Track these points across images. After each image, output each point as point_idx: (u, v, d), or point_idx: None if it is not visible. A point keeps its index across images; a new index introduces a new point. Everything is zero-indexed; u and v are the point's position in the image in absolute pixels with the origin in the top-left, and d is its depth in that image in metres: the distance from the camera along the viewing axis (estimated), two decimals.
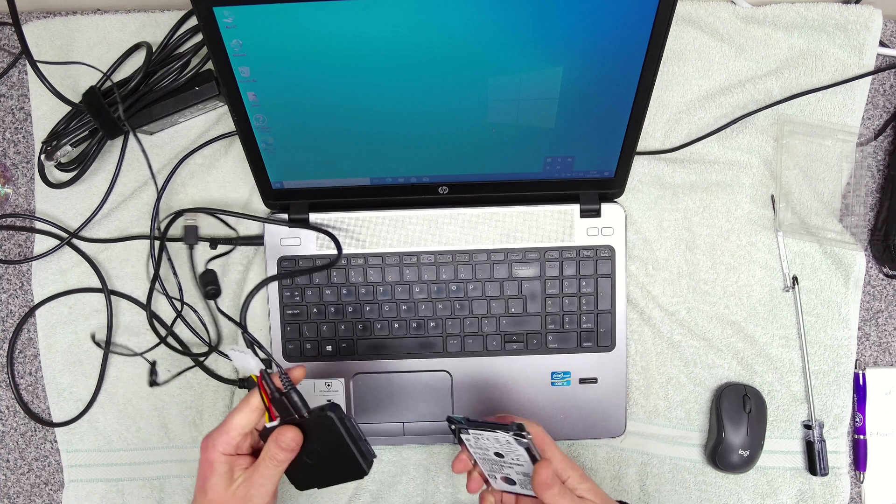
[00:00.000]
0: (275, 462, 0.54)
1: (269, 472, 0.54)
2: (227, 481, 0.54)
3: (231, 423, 0.55)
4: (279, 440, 0.54)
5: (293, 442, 0.54)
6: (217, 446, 0.54)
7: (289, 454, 0.54)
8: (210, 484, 0.54)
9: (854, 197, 0.73)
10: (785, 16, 0.71)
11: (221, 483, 0.54)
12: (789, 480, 0.72)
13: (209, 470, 0.54)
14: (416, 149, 0.63)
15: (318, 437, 0.55)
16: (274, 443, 0.54)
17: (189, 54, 0.68)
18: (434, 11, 0.52)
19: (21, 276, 0.75)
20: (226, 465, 0.54)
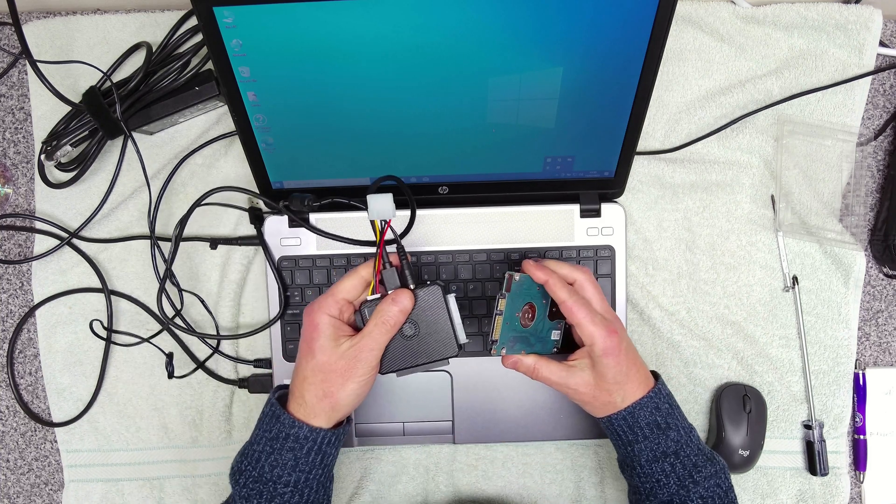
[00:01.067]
0: (387, 325, 0.54)
1: (378, 336, 0.54)
2: (333, 343, 0.55)
3: (338, 287, 0.56)
4: (396, 299, 0.54)
5: (409, 303, 0.55)
6: (323, 308, 0.55)
7: (402, 317, 0.55)
8: (318, 346, 0.54)
9: (854, 197, 0.73)
10: (785, 16, 0.71)
11: (329, 345, 0.54)
12: (789, 480, 0.72)
13: (315, 332, 0.55)
14: (416, 149, 0.63)
15: (417, 312, 0.56)
16: (390, 301, 0.54)
17: (189, 54, 0.68)
18: (434, 11, 0.52)
19: (21, 276, 0.75)
20: (331, 327, 0.55)
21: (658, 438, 0.57)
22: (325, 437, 0.55)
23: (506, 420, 0.71)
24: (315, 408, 0.55)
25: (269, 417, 0.56)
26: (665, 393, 0.58)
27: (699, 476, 0.56)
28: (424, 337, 0.56)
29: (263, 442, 0.55)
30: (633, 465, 0.58)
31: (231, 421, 0.73)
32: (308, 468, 0.55)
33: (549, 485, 0.72)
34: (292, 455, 0.54)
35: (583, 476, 0.72)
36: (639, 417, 0.57)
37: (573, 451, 0.73)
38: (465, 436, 0.71)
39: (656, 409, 0.57)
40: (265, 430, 0.56)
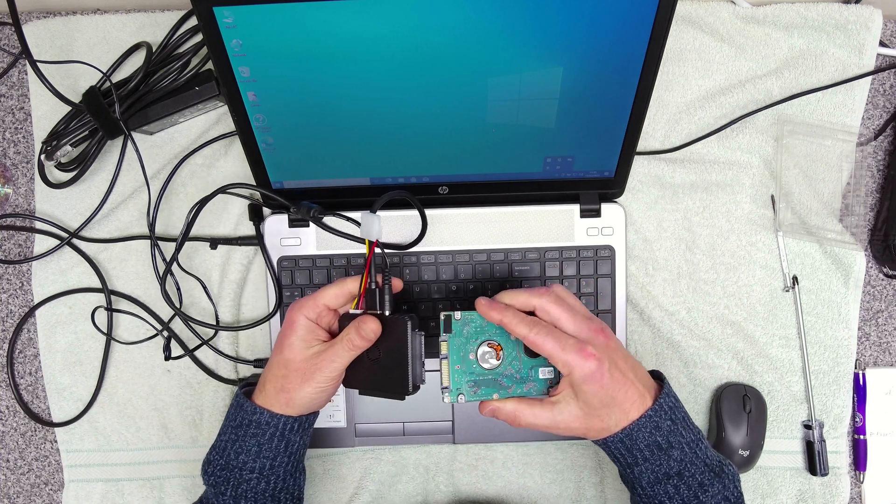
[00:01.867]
0: (350, 345, 0.55)
1: (341, 353, 0.55)
2: (304, 344, 0.56)
3: (322, 293, 0.57)
4: (361, 327, 0.55)
5: (372, 333, 0.55)
6: (303, 309, 0.57)
7: (364, 343, 0.56)
8: (288, 342, 0.56)
9: (854, 197, 0.73)
10: (785, 16, 0.71)
11: (298, 344, 0.56)
12: (789, 480, 0.72)
13: (290, 329, 0.57)
14: (416, 149, 0.63)
15: (384, 339, 0.56)
16: (355, 328, 0.55)
17: (189, 54, 0.68)
18: (434, 11, 0.52)
19: (21, 275, 0.75)
20: (305, 328, 0.56)
21: (659, 460, 0.52)
22: (287, 423, 0.56)
23: None
24: (272, 399, 0.56)
25: (233, 407, 0.58)
26: (668, 406, 0.53)
27: (705, 496, 0.52)
28: (385, 366, 0.57)
29: (229, 431, 0.57)
30: (633, 486, 0.55)
31: None
32: (272, 454, 0.56)
33: (549, 485, 0.72)
34: (255, 441, 0.56)
35: (583, 476, 0.72)
36: (637, 439, 0.52)
37: (573, 451, 0.73)
38: (465, 436, 0.71)
39: (656, 429, 0.52)
40: (230, 419, 0.58)
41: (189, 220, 0.67)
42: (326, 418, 0.71)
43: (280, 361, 0.57)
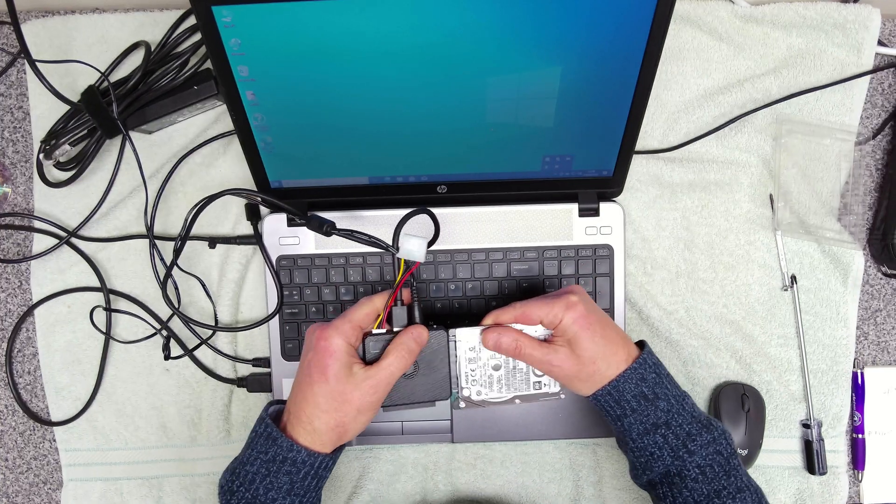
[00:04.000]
0: (406, 358, 0.55)
1: (396, 369, 0.54)
2: (348, 371, 0.53)
3: (353, 314, 0.56)
4: (414, 333, 0.55)
5: (425, 338, 0.56)
6: (339, 333, 0.54)
7: (417, 351, 0.55)
8: (333, 372, 0.53)
9: (852, 196, 0.73)
10: (783, 15, 0.71)
11: (344, 372, 0.53)
12: (788, 479, 0.72)
13: (329, 357, 0.53)
14: (415, 148, 0.63)
15: (421, 352, 0.57)
16: (409, 335, 0.55)
17: (188, 53, 0.68)
18: (432, 11, 0.52)
19: (20, 275, 0.75)
20: (346, 354, 0.54)
21: (646, 410, 0.55)
22: (324, 461, 0.54)
23: (504, 419, 0.71)
24: (324, 435, 0.54)
25: (263, 438, 0.54)
26: (651, 362, 0.57)
27: (694, 445, 0.54)
28: (421, 377, 0.58)
29: (258, 463, 0.54)
30: (625, 439, 0.57)
31: (230, 420, 0.73)
32: (303, 492, 0.54)
33: (547, 484, 0.72)
34: (288, 479, 0.53)
35: (581, 475, 0.72)
36: (624, 391, 0.56)
37: (572, 451, 0.73)
38: (463, 435, 0.71)
39: (641, 380, 0.56)
40: (260, 451, 0.54)
41: (188, 222, 0.67)
42: None
43: (329, 394, 0.53)
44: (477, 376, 0.59)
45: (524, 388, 0.60)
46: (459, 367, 0.58)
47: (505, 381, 0.59)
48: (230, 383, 0.73)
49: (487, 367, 0.59)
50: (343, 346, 0.54)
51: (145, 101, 0.68)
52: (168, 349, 0.71)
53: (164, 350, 0.71)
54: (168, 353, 0.71)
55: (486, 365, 0.59)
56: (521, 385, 0.60)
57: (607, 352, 0.56)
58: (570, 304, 0.56)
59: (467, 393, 0.59)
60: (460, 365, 0.58)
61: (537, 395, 0.60)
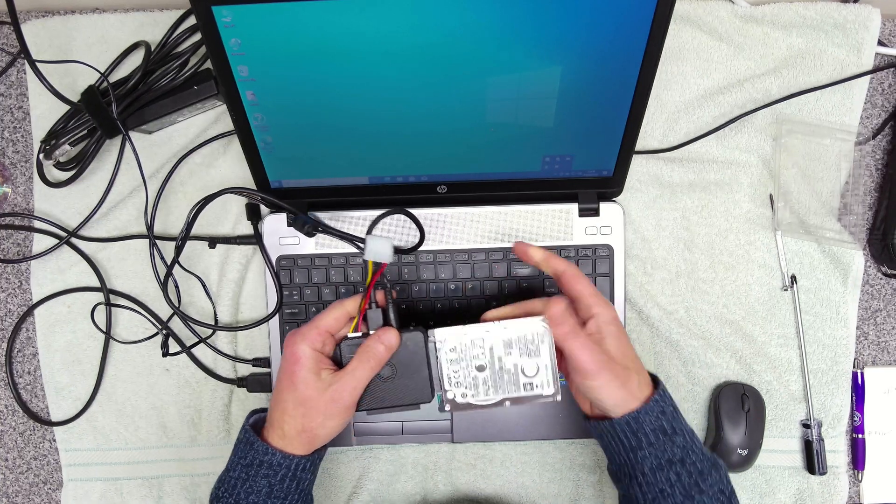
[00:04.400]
0: (374, 362, 0.54)
1: (362, 374, 0.54)
2: (315, 376, 0.54)
3: (321, 319, 0.55)
4: (382, 337, 0.54)
5: (395, 342, 0.54)
6: (306, 339, 0.54)
7: (386, 355, 0.54)
8: (299, 378, 0.53)
9: (852, 196, 0.73)
10: (783, 15, 0.71)
11: (311, 378, 0.53)
12: (788, 479, 0.72)
13: (296, 364, 0.54)
14: (415, 148, 0.63)
15: (399, 352, 0.56)
16: (376, 338, 0.54)
17: (188, 53, 0.68)
18: (432, 11, 0.52)
19: (20, 275, 0.75)
20: (312, 360, 0.54)
21: (664, 445, 0.53)
22: (300, 463, 0.55)
23: (504, 419, 0.71)
24: (293, 440, 0.54)
25: (243, 444, 0.56)
26: (668, 395, 0.55)
27: (705, 484, 0.53)
28: (400, 380, 0.57)
29: (238, 469, 0.55)
30: (633, 473, 0.54)
31: (230, 420, 0.73)
32: (283, 494, 0.54)
33: (547, 484, 0.72)
34: (267, 482, 0.54)
35: (581, 475, 0.72)
36: (643, 422, 0.53)
37: (572, 451, 0.73)
38: (463, 435, 0.71)
39: (662, 413, 0.53)
40: (240, 456, 0.55)
41: (189, 221, 0.67)
42: None
43: (295, 400, 0.54)
44: (461, 378, 0.55)
45: (513, 391, 0.55)
46: (441, 369, 0.55)
47: (491, 383, 0.56)
48: (230, 383, 0.73)
49: (471, 367, 0.55)
50: (308, 352, 0.54)
51: (145, 101, 0.68)
52: (167, 346, 0.71)
53: (162, 347, 0.71)
54: (166, 350, 0.71)
55: (469, 366, 0.55)
56: (509, 387, 0.55)
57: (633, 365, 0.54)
58: (608, 304, 0.56)
59: (451, 395, 0.56)
60: (441, 367, 0.55)
61: (530, 396, 0.55)
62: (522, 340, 0.55)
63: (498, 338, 0.55)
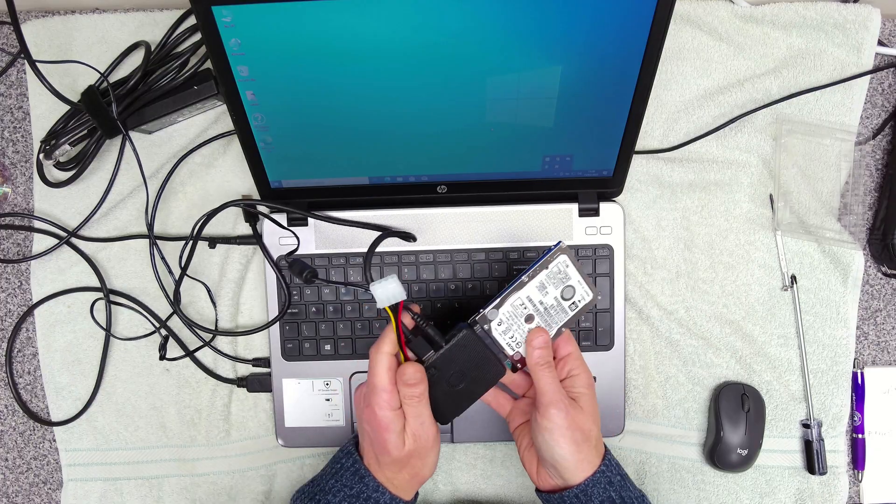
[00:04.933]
0: (414, 400, 0.54)
1: (416, 411, 0.54)
2: (402, 433, 0.54)
3: (381, 378, 0.54)
4: (403, 380, 0.54)
5: (417, 374, 0.54)
6: (383, 405, 0.54)
7: (419, 386, 0.54)
8: (392, 444, 0.54)
9: (852, 196, 0.73)
10: (783, 15, 0.71)
11: (399, 440, 0.54)
12: (788, 479, 0.72)
13: (385, 432, 0.54)
14: (415, 148, 0.63)
15: (458, 357, 0.56)
16: (402, 384, 0.54)
17: (188, 53, 0.68)
18: (433, 11, 0.52)
19: (20, 275, 0.75)
20: (397, 422, 0.54)
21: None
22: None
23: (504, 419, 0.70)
24: (406, 487, 0.56)
25: (350, 473, 0.56)
26: (615, 463, 0.57)
27: None
28: (472, 374, 0.57)
29: (342, 496, 0.55)
30: None
31: (229, 420, 0.73)
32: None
33: None
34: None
35: None
36: (592, 495, 0.54)
37: None
38: (463, 434, 0.71)
39: (609, 484, 0.55)
40: (345, 484, 0.56)
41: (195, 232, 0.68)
42: (325, 417, 0.71)
43: (395, 462, 0.54)
44: (518, 337, 0.57)
45: (563, 318, 0.58)
46: (499, 343, 0.57)
47: (543, 325, 0.58)
48: (230, 383, 0.73)
49: (521, 324, 0.57)
50: (391, 416, 0.54)
51: (145, 101, 0.68)
52: (164, 349, 0.71)
53: (160, 350, 0.71)
54: (164, 354, 0.71)
55: (519, 325, 0.57)
56: (558, 317, 0.58)
57: (597, 431, 0.56)
58: (590, 373, 0.58)
59: (517, 355, 0.58)
60: (498, 341, 0.57)
61: (577, 313, 0.58)
62: (551, 276, 0.57)
63: (531, 287, 0.56)
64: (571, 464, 0.55)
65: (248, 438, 0.73)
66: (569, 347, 0.58)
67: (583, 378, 0.57)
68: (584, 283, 0.58)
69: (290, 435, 0.71)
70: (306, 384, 0.71)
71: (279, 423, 0.71)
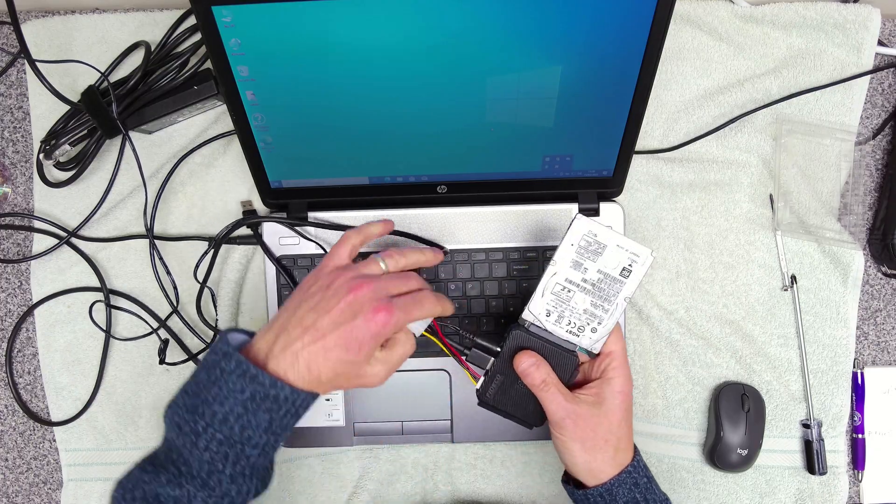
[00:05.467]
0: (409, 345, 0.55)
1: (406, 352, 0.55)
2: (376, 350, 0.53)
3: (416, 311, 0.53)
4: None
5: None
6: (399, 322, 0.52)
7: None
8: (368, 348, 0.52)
9: (852, 196, 0.73)
10: (783, 15, 0.71)
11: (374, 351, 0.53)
12: (788, 479, 0.72)
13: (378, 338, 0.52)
14: (415, 148, 0.63)
15: None
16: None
17: (188, 53, 0.68)
18: (433, 11, 0.52)
19: (20, 275, 0.75)
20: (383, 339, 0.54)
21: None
22: (305, 400, 0.51)
23: (504, 419, 0.70)
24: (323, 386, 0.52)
25: (236, 376, 0.49)
26: (643, 465, 0.56)
27: None
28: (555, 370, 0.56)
29: (232, 401, 0.49)
30: None
31: None
32: (280, 430, 0.52)
33: (548, 484, 0.72)
34: (268, 416, 0.50)
35: None
36: (617, 495, 0.54)
37: None
38: (463, 435, 0.71)
39: (635, 486, 0.55)
40: (234, 389, 0.49)
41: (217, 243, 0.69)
42: (325, 417, 0.71)
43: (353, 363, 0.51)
44: (579, 321, 0.55)
45: (619, 287, 0.55)
46: (559, 335, 0.55)
47: (601, 301, 0.55)
48: None
49: (575, 308, 0.55)
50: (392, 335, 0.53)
51: (145, 101, 0.68)
52: (164, 353, 0.71)
53: (160, 354, 0.71)
54: (163, 359, 0.71)
55: (572, 309, 0.55)
56: (614, 288, 0.55)
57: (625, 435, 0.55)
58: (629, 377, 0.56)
59: (586, 341, 0.56)
60: (557, 333, 0.55)
61: (635, 278, 0.55)
62: (583, 250, 0.55)
63: (564, 269, 0.55)
64: (585, 470, 0.55)
65: None
66: (612, 346, 0.56)
67: (616, 383, 0.55)
68: (629, 245, 0.54)
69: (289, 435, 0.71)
70: None
71: None
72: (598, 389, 0.56)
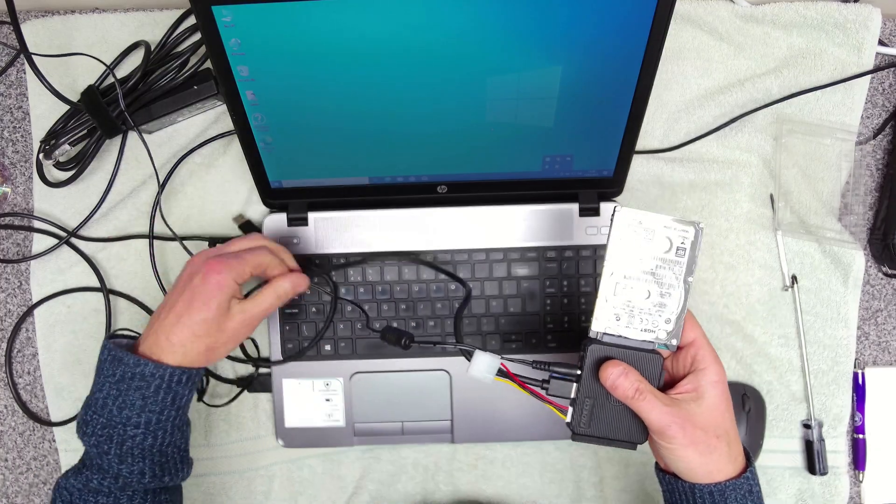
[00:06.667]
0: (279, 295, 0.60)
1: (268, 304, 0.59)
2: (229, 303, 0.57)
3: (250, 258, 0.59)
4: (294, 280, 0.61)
5: (302, 284, 0.61)
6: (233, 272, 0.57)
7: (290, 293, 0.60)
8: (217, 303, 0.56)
9: (853, 196, 0.73)
10: (784, 14, 0.71)
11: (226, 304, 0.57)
12: (788, 480, 0.72)
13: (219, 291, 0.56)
14: (415, 148, 0.63)
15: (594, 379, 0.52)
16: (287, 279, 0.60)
17: (188, 53, 0.68)
18: (433, 11, 0.52)
19: (19, 275, 0.75)
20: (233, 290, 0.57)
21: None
22: (174, 374, 0.54)
23: (505, 419, 0.70)
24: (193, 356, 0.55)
25: (108, 362, 0.54)
26: (755, 473, 0.53)
27: None
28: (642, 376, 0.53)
29: (107, 387, 0.53)
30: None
31: (229, 420, 0.73)
32: (158, 408, 0.54)
33: (548, 484, 0.72)
34: (140, 394, 0.53)
35: (582, 476, 0.72)
36: (728, 498, 0.50)
37: (572, 451, 0.73)
38: (464, 435, 0.71)
39: (749, 493, 0.51)
40: (107, 375, 0.54)
41: None
42: (325, 417, 0.71)
43: (208, 321, 0.55)
44: (654, 319, 0.52)
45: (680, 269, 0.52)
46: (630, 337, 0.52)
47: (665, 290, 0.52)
48: (230, 383, 0.73)
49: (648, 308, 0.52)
50: (233, 284, 0.56)
51: (145, 101, 0.68)
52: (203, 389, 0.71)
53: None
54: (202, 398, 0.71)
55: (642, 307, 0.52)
56: (674, 271, 0.52)
57: (731, 430, 0.51)
58: (720, 362, 0.52)
59: (662, 333, 0.52)
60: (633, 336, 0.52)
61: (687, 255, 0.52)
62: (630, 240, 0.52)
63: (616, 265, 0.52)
64: (704, 473, 0.50)
65: (248, 439, 0.73)
66: (692, 333, 0.53)
67: (710, 372, 0.51)
68: (675, 223, 0.52)
69: (290, 435, 0.71)
70: (306, 384, 0.71)
71: (279, 424, 0.71)
72: (694, 384, 0.51)
